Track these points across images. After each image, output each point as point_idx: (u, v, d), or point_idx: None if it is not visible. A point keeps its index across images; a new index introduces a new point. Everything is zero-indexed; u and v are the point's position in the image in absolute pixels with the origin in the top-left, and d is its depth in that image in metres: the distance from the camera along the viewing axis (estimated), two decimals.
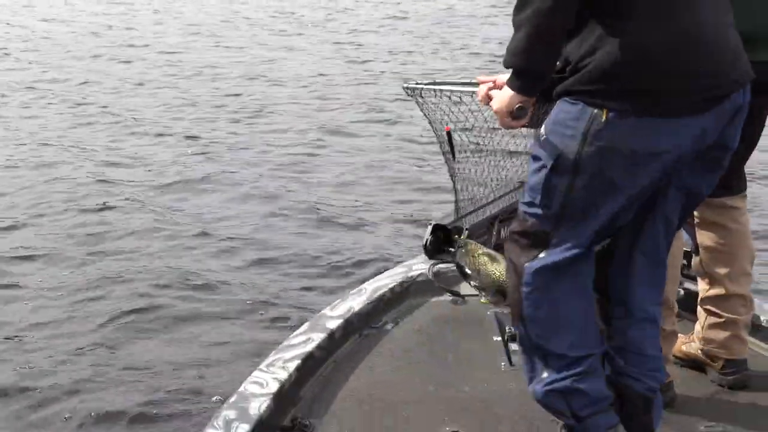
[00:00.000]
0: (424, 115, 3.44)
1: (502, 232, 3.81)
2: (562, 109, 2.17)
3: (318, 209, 6.57)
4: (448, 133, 3.51)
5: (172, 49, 14.31)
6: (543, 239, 2.26)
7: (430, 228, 3.72)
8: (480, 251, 2.74)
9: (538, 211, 2.25)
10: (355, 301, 3.34)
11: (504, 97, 2.25)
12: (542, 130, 2.22)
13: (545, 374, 2.34)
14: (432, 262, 3.62)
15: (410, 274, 3.58)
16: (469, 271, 2.71)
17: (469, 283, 2.82)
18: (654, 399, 2.41)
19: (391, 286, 3.48)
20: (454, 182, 3.67)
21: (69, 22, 17.71)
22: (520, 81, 2.19)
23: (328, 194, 6.97)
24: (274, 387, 2.70)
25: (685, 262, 3.00)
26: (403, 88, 3.37)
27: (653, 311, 2.41)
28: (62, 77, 11.91)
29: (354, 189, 7.12)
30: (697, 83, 2.09)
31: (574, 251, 2.24)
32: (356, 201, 6.78)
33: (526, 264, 2.27)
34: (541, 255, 2.26)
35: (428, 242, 3.67)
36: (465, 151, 3.57)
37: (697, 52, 2.08)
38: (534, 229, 2.27)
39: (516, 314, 2.35)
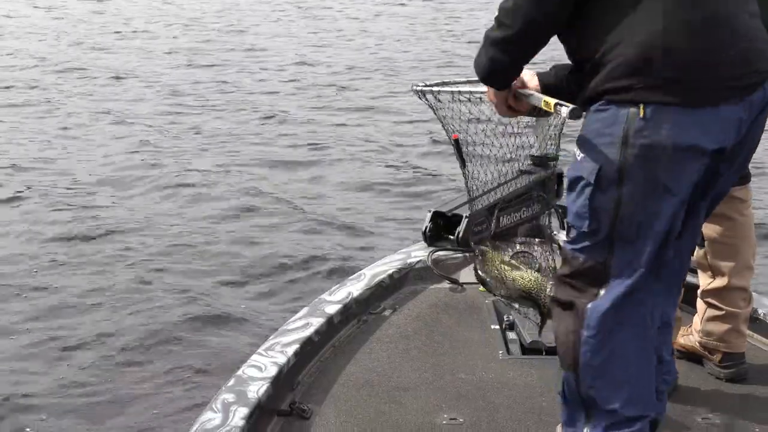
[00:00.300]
0: (437, 117, 3.38)
1: (502, 220, 3.81)
2: (591, 120, 2.06)
3: (318, 198, 6.56)
4: (456, 141, 3.45)
5: (167, 36, 14.25)
6: (600, 273, 2.09)
7: (429, 215, 3.73)
8: (498, 260, 2.63)
9: (587, 242, 2.08)
10: (354, 286, 3.33)
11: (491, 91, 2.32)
12: (576, 149, 2.10)
13: (586, 430, 2.18)
14: (431, 249, 3.62)
15: (409, 261, 3.58)
16: (489, 281, 2.59)
17: (494, 293, 2.74)
18: (662, 399, 2.35)
19: (390, 272, 3.48)
20: (467, 184, 3.64)
21: (62, 9, 17.64)
22: (488, 84, 2.28)
23: (326, 184, 6.94)
24: (272, 371, 2.69)
25: None
26: (413, 90, 3.27)
27: (672, 315, 2.36)
28: (51, 67, 11.84)
29: (353, 179, 7.08)
30: (726, 71, 2.01)
31: (636, 277, 2.07)
32: (356, 191, 6.76)
33: (589, 305, 2.09)
34: (602, 292, 2.09)
35: (428, 229, 3.68)
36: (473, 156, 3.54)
37: (723, 39, 2.00)
38: (587, 265, 2.09)
39: (570, 360, 2.15)
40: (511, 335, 3.14)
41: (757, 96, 2.07)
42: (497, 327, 3.21)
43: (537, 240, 3.86)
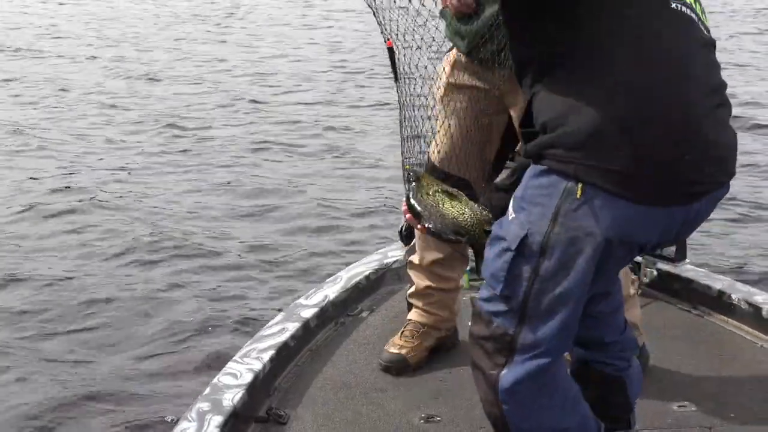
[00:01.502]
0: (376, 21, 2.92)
1: None
2: (531, 184, 1.92)
3: (291, 199, 6.52)
4: (390, 50, 3.07)
5: (146, 40, 14.18)
6: (508, 344, 1.97)
7: None
8: (435, 188, 2.38)
9: (500, 306, 1.97)
10: (331, 289, 3.33)
11: None
12: (510, 208, 1.96)
13: None
14: (407, 248, 3.62)
15: (385, 261, 3.59)
16: (421, 210, 2.29)
17: (424, 225, 2.43)
18: (626, 380, 2.28)
19: (366, 273, 3.48)
20: (399, 101, 3.22)
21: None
22: None
23: (301, 184, 6.89)
24: (248, 378, 2.69)
25: None
26: None
27: (608, 306, 2.20)
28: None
29: (326, 178, 7.03)
30: (681, 174, 1.85)
31: (545, 359, 1.96)
32: (329, 191, 6.71)
33: (500, 375, 1.99)
34: (509, 363, 1.97)
35: (404, 228, 3.68)
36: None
37: (687, 141, 1.84)
38: (498, 332, 1.97)
39: (501, 429, 2.07)
40: None
41: (701, 203, 1.93)
42: None
43: None
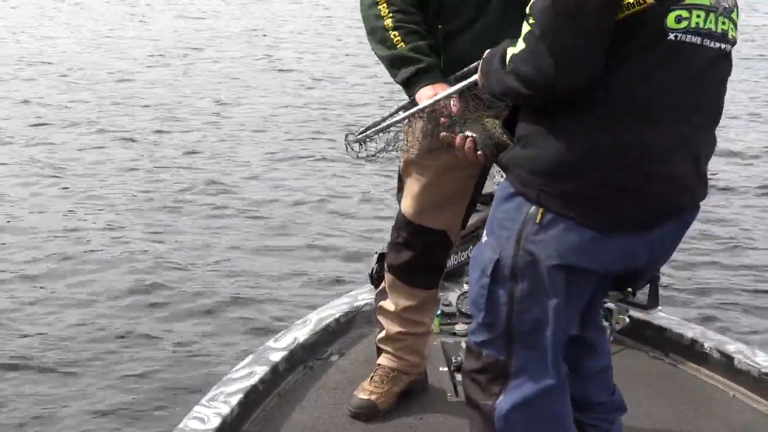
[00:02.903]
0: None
1: (450, 261, 3.80)
2: (500, 208, 1.97)
3: (264, 237, 6.49)
4: None
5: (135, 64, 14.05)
6: (501, 371, 1.98)
7: (375, 257, 3.70)
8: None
9: (486, 335, 1.99)
10: (300, 332, 3.30)
11: None
12: (484, 231, 2.01)
13: None
14: (377, 292, 3.59)
15: (356, 304, 3.56)
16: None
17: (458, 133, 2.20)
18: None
19: (336, 316, 3.45)
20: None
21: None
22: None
23: (275, 223, 6.87)
24: (215, 422, 2.64)
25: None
26: (347, 143, 2.60)
27: (596, 365, 2.22)
28: None
29: (299, 218, 7.00)
30: (650, 202, 1.87)
31: (540, 383, 1.96)
32: (301, 231, 6.69)
33: (496, 404, 1.99)
34: (504, 390, 1.98)
35: (374, 271, 3.66)
36: None
37: (656, 174, 1.85)
38: (488, 361, 1.99)
39: None
40: (460, 377, 3.12)
41: (668, 227, 1.95)
42: (445, 369, 3.19)
43: None
